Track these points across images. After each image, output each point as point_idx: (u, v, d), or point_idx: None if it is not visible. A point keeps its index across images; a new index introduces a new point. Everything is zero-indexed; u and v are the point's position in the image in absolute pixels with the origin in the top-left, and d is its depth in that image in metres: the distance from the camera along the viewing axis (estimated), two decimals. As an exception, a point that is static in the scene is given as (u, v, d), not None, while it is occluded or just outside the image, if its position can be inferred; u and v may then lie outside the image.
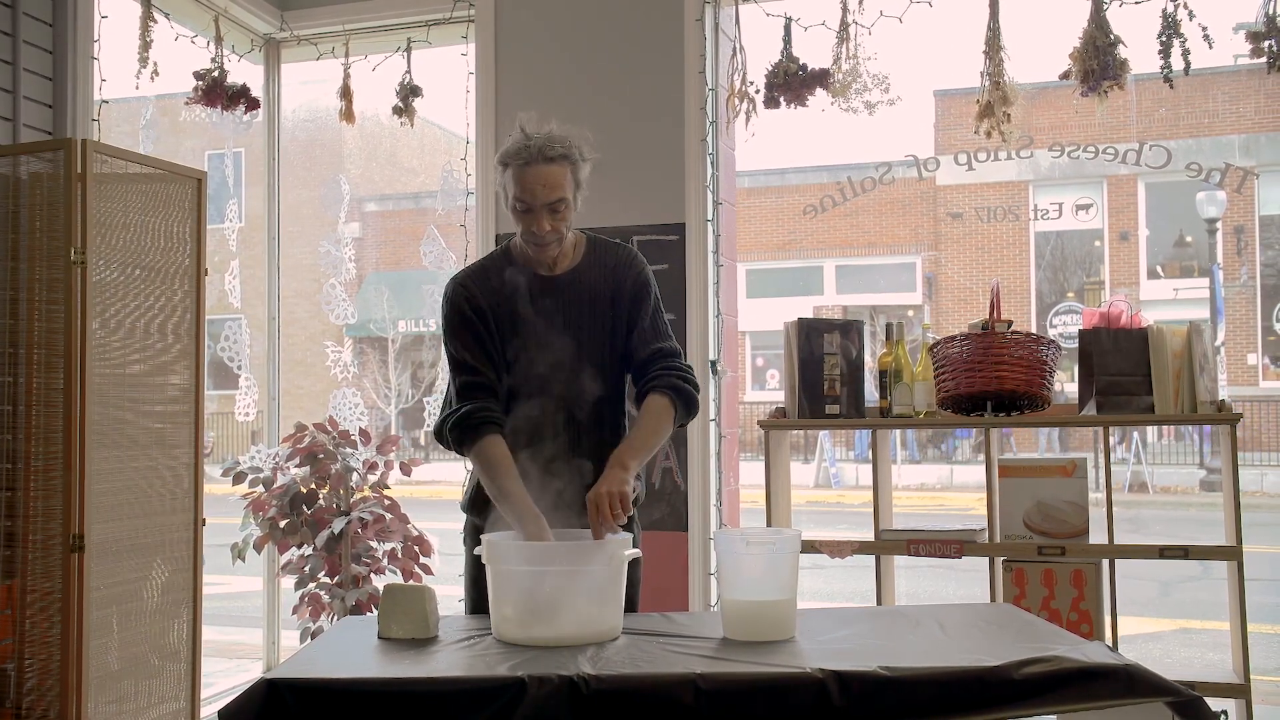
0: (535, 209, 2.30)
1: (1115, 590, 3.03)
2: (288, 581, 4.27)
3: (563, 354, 2.39)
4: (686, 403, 2.40)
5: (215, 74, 4.23)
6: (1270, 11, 3.26)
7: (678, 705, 1.73)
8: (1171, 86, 3.31)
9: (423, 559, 4.19)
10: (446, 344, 2.43)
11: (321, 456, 4.17)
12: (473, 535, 2.48)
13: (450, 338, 2.41)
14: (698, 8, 3.84)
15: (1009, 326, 3.15)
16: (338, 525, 4.02)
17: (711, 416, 3.82)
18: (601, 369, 2.43)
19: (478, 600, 2.38)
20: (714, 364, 3.84)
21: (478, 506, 2.46)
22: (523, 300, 2.41)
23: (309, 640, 3.95)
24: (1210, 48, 3.27)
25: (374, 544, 4.14)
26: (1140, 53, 3.37)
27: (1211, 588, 7.14)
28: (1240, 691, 2.94)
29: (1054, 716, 2.13)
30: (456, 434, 2.33)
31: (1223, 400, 3.14)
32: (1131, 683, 1.78)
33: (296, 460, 4.19)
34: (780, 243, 19.27)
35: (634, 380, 2.48)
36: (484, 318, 2.40)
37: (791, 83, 3.64)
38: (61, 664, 3.08)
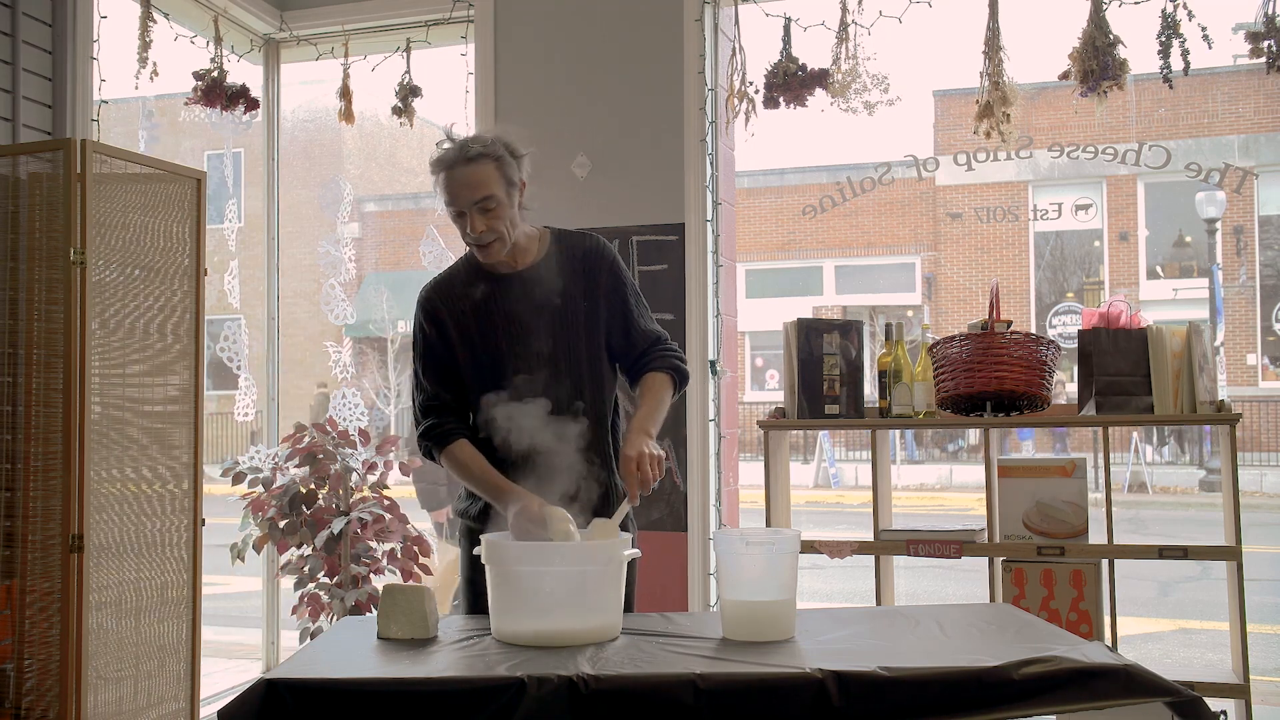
0: (465, 211, 2.31)
1: (1115, 590, 3.03)
2: (287, 582, 4.28)
3: (534, 348, 2.39)
4: (683, 381, 2.52)
5: (215, 74, 4.23)
6: (1269, 11, 3.26)
7: (677, 705, 1.73)
8: (1171, 87, 3.31)
9: (422, 559, 4.19)
10: (412, 357, 2.51)
11: (321, 457, 4.17)
12: (467, 537, 2.49)
13: (414, 354, 2.50)
14: (697, 8, 3.84)
15: (1008, 327, 3.15)
16: (337, 525, 4.02)
17: (711, 417, 3.82)
18: (578, 359, 2.42)
19: (474, 601, 2.38)
20: (713, 364, 3.84)
21: (471, 509, 2.47)
22: (488, 302, 2.41)
23: (308, 640, 3.95)
24: (1209, 48, 3.27)
25: (373, 544, 4.15)
26: (1140, 53, 3.37)
27: (1211, 588, 7.15)
28: (1240, 692, 2.94)
29: (1053, 717, 2.13)
30: (425, 446, 2.45)
31: (1222, 400, 3.14)
32: (1131, 683, 1.78)
33: (296, 460, 4.19)
34: (779, 243, 19.27)
35: (626, 365, 2.51)
36: (444, 331, 2.44)
37: (791, 83, 3.64)
38: (61, 664, 3.08)
